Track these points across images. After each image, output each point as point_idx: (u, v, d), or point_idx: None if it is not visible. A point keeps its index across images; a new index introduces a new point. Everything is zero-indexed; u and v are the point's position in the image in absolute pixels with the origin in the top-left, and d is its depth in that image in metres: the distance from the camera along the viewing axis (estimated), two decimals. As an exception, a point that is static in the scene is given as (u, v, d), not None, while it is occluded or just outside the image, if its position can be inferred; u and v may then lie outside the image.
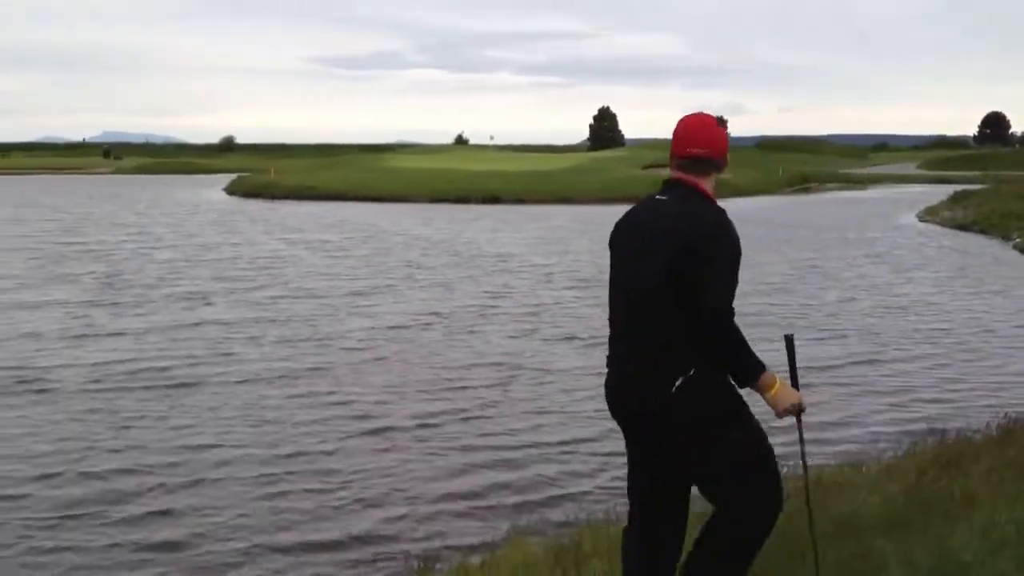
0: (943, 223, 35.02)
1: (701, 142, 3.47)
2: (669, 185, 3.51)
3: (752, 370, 3.34)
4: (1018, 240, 28.07)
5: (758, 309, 16.28)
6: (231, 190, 54.54)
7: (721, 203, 3.48)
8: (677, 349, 3.30)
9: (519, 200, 46.75)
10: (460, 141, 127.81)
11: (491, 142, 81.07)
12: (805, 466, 3.93)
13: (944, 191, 46.12)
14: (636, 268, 3.43)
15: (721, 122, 3.66)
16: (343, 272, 20.63)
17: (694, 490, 3.56)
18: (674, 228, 3.33)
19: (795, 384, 3.59)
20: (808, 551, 3.99)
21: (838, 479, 6.42)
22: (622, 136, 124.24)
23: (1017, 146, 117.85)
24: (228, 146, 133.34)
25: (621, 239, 3.57)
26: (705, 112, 3.64)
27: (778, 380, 3.39)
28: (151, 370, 11.38)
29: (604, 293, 3.68)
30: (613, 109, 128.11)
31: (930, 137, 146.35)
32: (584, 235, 29.14)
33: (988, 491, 5.52)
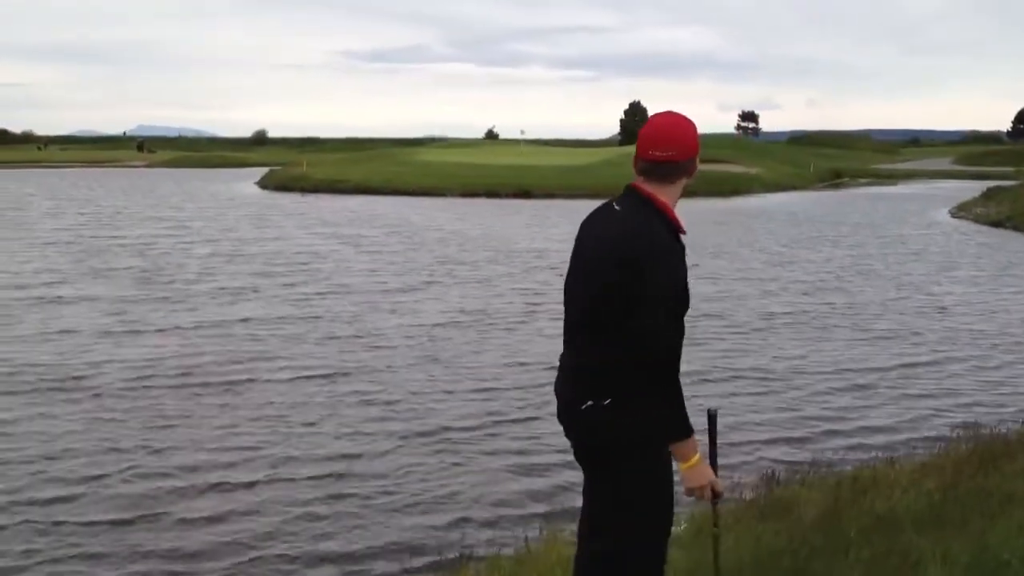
0: (976, 219, 34.64)
1: (664, 143, 3.16)
2: (626, 192, 3.24)
3: (675, 427, 3.03)
4: (1054, 237, 27.75)
5: (798, 308, 16.30)
6: (263, 184, 54.97)
7: (753, 198, 3.35)
8: (599, 372, 3.06)
9: (549, 195, 46.77)
10: (491, 135, 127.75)
11: (522, 136, 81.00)
12: (716, 554, 3.62)
13: (977, 187, 45.57)
14: (576, 283, 3.23)
15: (750, 116, 3.46)
16: (382, 268, 20.61)
17: None
18: (613, 245, 3.06)
19: (714, 464, 3.28)
20: (851, 547, 4.05)
21: (874, 476, 6.47)
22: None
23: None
24: (261, 140, 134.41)
25: (578, 240, 3.32)
26: (676, 112, 3.30)
27: (699, 454, 3.07)
28: (196, 368, 11.33)
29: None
30: (644, 103, 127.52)
31: (963, 132, 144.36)
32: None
33: None
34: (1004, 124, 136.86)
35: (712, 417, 3.33)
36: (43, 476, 7.85)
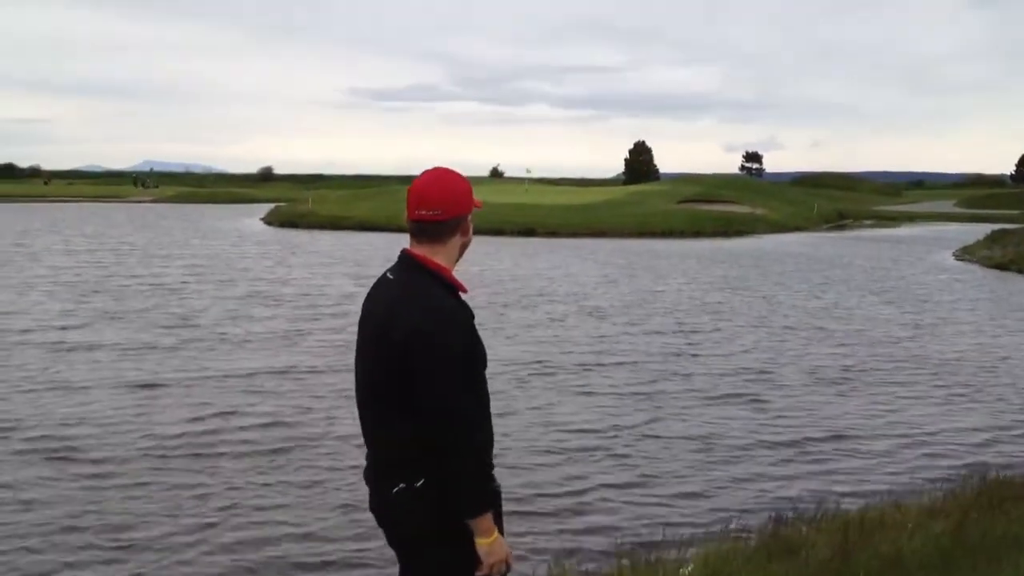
0: (981, 262, 34.66)
1: (430, 202, 2.98)
2: (398, 260, 3.08)
3: (474, 504, 2.86)
4: (1059, 280, 27.73)
5: (821, 361, 16.30)
6: (269, 220, 55.27)
7: (757, 239, 3.26)
8: (404, 453, 2.90)
9: (553, 233, 46.92)
10: (495, 174, 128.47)
11: (528, 175, 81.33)
12: None
13: (981, 230, 45.66)
14: (361, 360, 3.06)
15: (754, 157, 3.29)
16: None
17: None
18: (387, 319, 2.90)
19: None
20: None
21: (882, 518, 6.42)
22: (657, 170, 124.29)
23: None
24: (267, 176, 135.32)
25: (359, 324, 3.13)
26: (446, 168, 3.11)
27: (497, 531, 2.92)
28: (248, 430, 10.24)
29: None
30: (649, 143, 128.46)
31: (967, 175, 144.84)
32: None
33: None
34: (1008, 167, 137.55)
35: (496, 494, 3.06)
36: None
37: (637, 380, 13.26)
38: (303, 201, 62.57)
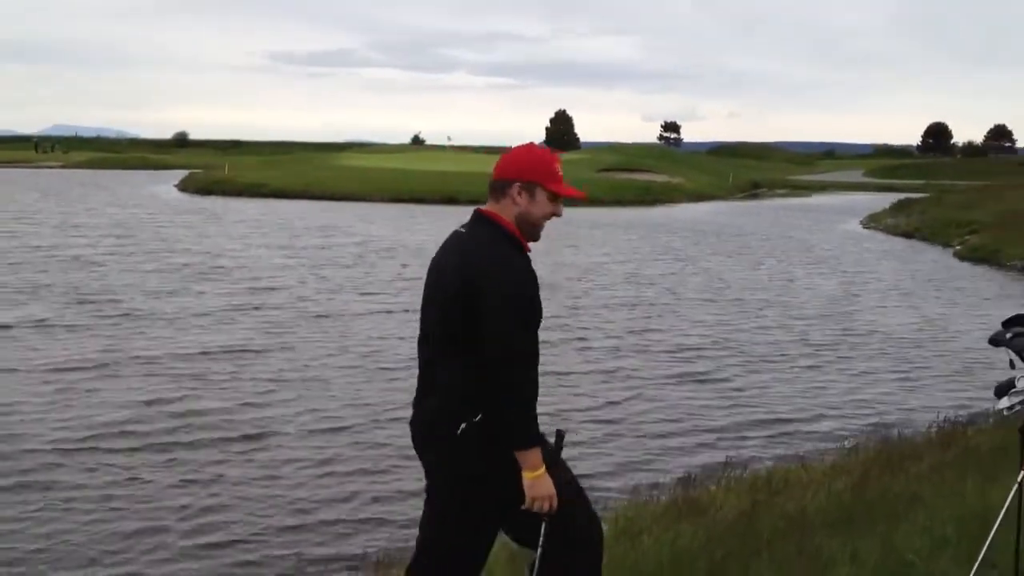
0: (887, 230, 35.85)
1: (501, 164, 3.32)
2: (472, 216, 3.35)
3: (523, 438, 3.08)
4: (959, 248, 28.85)
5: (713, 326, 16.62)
6: (183, 186, 53.77)
7: (675, 208, 3.38)
8: (464, 393, 3.12)
9: (475, 201, 46.74)
10: (416, 141, 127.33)
11: (448, 142, 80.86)
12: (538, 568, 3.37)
13: (888, 199, 47.12)
14: (428, 308, 3.29)
15: (672, 127, 3.50)
16: (378, 289, 18.54)
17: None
18: (457, 265, 3.17)
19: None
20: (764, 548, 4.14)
21: (787, 478, 6.63)
22: (578, 139, 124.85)
23: (959, 156, 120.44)
24: (182, 142, 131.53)
25: (429, 271, 3.38)
26: (536, 144, 3.44)
27: (544, 467, 3.10)
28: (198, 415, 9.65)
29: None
30: (569, 112, 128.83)
31: (876, 146, 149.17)
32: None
33: (930, 490, 5.74)
34: (915, 138, 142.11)
35: (560, 437, 3.29)
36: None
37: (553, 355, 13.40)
38: (219, 168, 61.05)
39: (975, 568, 3.83)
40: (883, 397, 11.24)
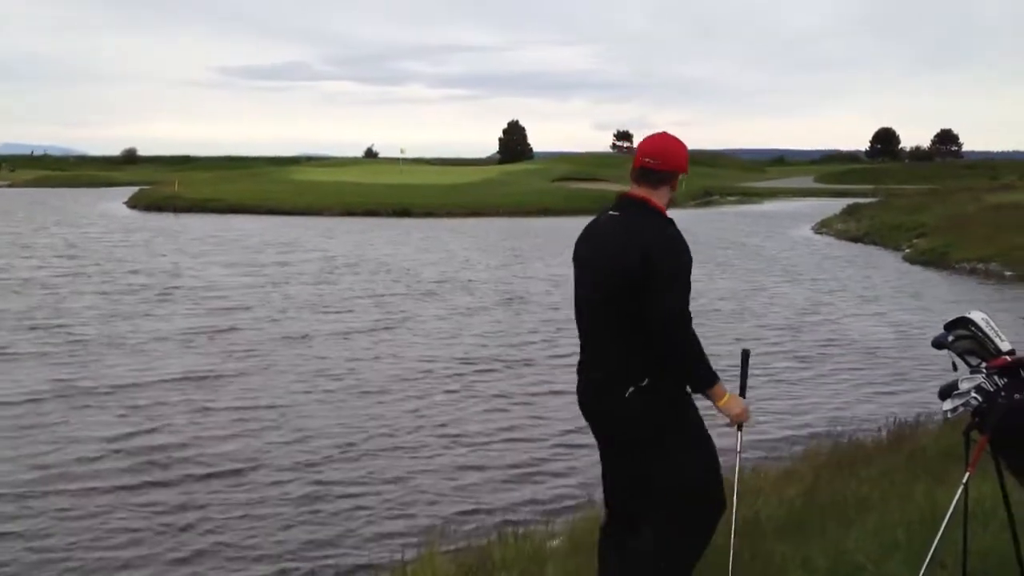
0: (837, 235, 36.42)
1: (653, 153, 3.63)
2: (621, 201, 3.67)
3: (705, 380, 3.51)
4: (908, 251, 29.39)
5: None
6: (133, 203, 53.03)
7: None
8: (632, 359, 3.45)
9: (430, 213, 46.72)
10: (370, 154, 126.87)
11: (401, 155, 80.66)
12: (740, 470, 4.16)
13: (838, 204, 47.87)
14: (593, 281, 3.58)
15: (624, 136, 3.77)
16: (346, 307, 18.25)
17: None
18: (628, 244, 3.44)
19: (743, 395, 3.81)
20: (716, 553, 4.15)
21: (741, 484, 6.65)
22: (531, 149, 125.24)
23: (906, 161, 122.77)
24: (130, 158, 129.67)
25: (581, 251, 3.72)
26: (667, 132, 3.78)
27: (728, 391, 3.58)
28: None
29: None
30: (523, 122, 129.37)
31: (825, 152, 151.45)
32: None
33: (880, 494, 5.79)
34: (863, 143, 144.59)
35: (746, 356, 3.93)
36: None
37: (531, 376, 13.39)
38: (168, 184, 60.29)
39: (923, 568, 3.85)
40: (835, 401, 11.39)
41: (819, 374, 12.80)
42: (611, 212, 3.65)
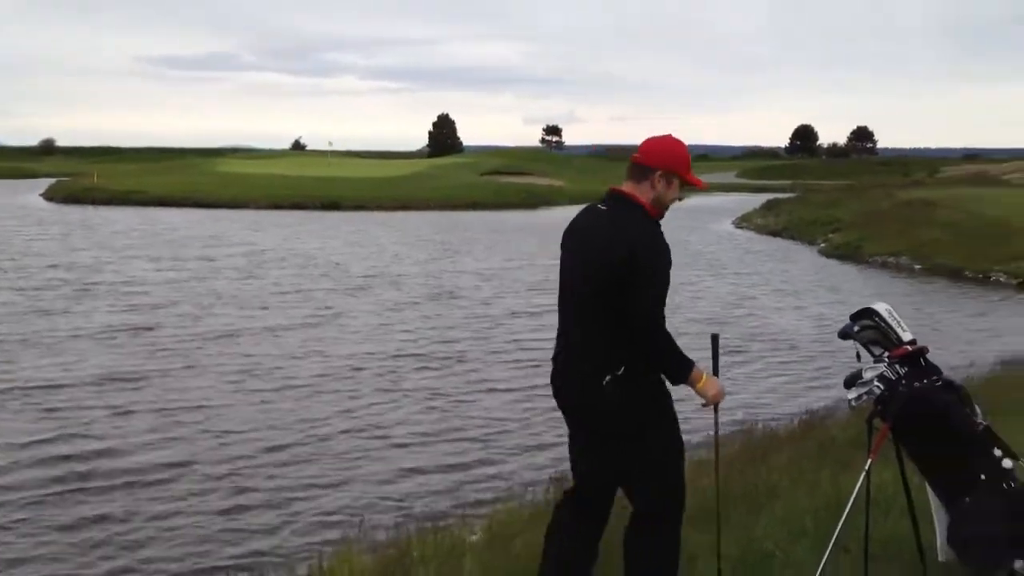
0: (757, 229, 37.27)
1: (641, 148, 3.71)
2: (609, 195, 3.71)
3: (683, 368, 3.59)
4: (823, 245, 30.27)
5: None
6: (50, 195, 51.45)
7: (557, 210, 3.67)
8: (609, 348, 3.51)
9: (360, 206, 46.39)
10: (297, 146, 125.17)
11: (330, 147, 79.83)
12: (717, 446, 4.40)
13: (759, 199, 48.87)
14: (576, 272, 3.65)
15: (553, 131, 3.85)
16: (274, 303, 17.89)
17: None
18: (614, 238, 3.51)
19: (716, 375, 3.88)
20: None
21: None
22: (460, 142, 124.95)
23: (824, 157, 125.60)
24: (48, 149, 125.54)
25: (567, 241, 3.77)
26: (671, 135, 3.84)
27: (705, 373, 3.66)
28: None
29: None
30: (453, 116, 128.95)
31: (747, 148, 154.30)
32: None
33: (789, 482, 5.98)
34: (783, 140, 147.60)
35: (715, 340, 4.01)
36: None
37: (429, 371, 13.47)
38: (87, 175, 58.66)
39: (827, 552, 3.97)
40: (756, 392, 11.67)
41: (745, 367, 13.07)
42: (599, 205, 3.72)
